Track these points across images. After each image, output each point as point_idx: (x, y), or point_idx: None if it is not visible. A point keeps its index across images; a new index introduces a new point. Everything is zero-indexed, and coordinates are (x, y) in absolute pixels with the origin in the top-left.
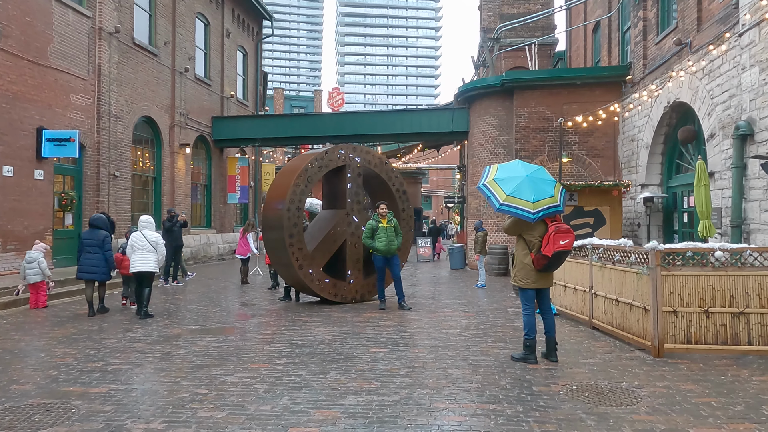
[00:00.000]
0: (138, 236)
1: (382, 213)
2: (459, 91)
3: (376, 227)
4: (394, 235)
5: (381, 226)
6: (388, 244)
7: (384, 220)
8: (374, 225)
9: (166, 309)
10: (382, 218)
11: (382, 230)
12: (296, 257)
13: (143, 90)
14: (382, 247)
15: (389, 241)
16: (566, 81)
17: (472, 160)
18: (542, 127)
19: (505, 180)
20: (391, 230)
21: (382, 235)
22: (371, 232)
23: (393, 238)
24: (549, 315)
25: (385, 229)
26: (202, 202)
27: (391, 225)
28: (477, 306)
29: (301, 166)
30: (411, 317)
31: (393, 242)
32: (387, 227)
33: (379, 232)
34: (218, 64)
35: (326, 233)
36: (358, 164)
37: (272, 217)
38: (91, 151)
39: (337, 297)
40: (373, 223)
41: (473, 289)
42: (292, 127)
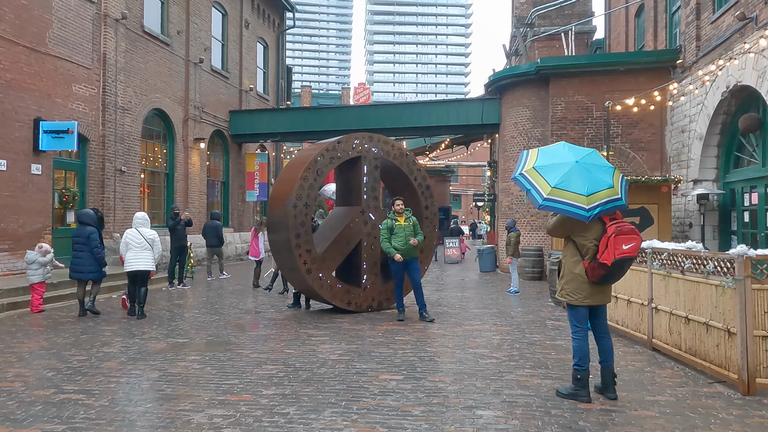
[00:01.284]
0: (133, 233)
1: (397, 210)
2: (490, 80)
3: (393, 226)
4: (413, 235)
5: (398, 224)
6: (407, 245)
7: (401, 218)
8: (391, 224)
9: (159, 317)
10: (398, 216)
11: (399, 229)
12: (304, 260)
13: (154, 81)
14: (400, 248)
15: (407, 241)
16: (608, 67)
17: (504, 155)
18: (581, 118)
19: (548, 168)
20: (409, 229)
21: (400, 234)
22: (388, 232)
23: (411, 238)
24: (605, 339)
25: (402, 228)
26: (220, 199)
27: (409, 223)
28: (510, 317)
29: (310, 157)
30: (433, 331)
31: (409, 243)
32: (404, 226)
33: (395, 231)
34: (236, 56)
35: (338, 233)
36: (376, 155)
37: (277, 215)
38: (96, 145)
39: (351, 305)
40: (390, 222)
41: (505, 296)
42: (314, 120)
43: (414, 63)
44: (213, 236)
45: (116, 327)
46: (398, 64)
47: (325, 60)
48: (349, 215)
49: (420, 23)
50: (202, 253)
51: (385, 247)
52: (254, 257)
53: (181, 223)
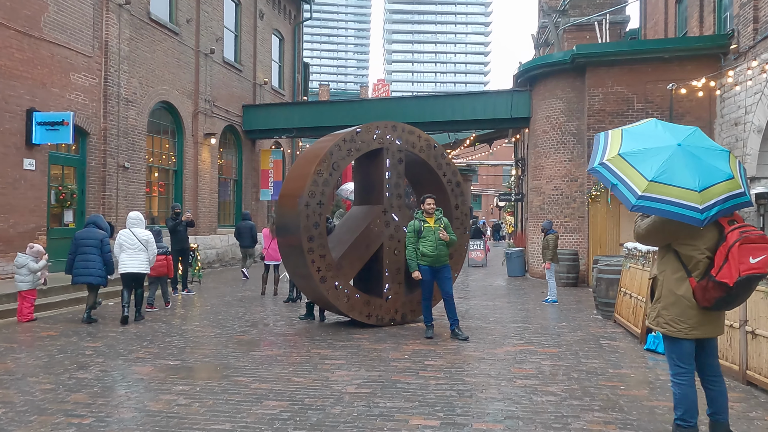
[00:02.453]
0: (127, 234)
1: (428, 209)
2: (519, 70)
3: (421, 228)
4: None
5: (427, 226)
6: (437, 250)
7: (431, 219)
8: (418, 225)
9: (153, 330)
10: (428, 216)
11: (429, 232)
12: (317, 267)
13: (161, 72)
14: (429, 253)
15: (438, 246)
16: (651, 55)
17: (534, 151)
18: (620, 111)
19: (641, 155)
20: (439, 231)
21: (429, 238)
22: (415, 235)
23: (442, 242)
24: (717, 383)
25: (431, 231)
26: (232, 198)
27: (439, 225)
28: (555, 335)
29: (324, 149)
30: (469, 352)
31: (442, 248)
32: (434, 228)
33: (424, 234)
34: (250, 48)
35: (357, 236)
36: (399, 147)
37: (287, 216)
38: (96, 139)
39: (371, 318)
40: (417, 224)
41: (542, 306)
42: (332, 115)
43: (433, 62)
44: (248, 237)
45: (100, 343)
46: (417, 63)
47: (344, 60)
48: (369, 216)
49: (439, 22)
50: (217, 254)
51: (410, 253)
52: (274, 261)
53: (182, 223)
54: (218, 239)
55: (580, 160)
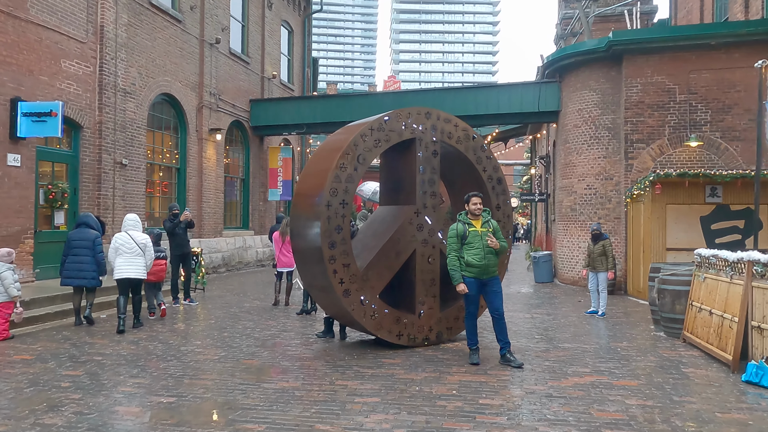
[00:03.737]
0: (124, 238)
1: (474, 211)
2: (548, 60)
3: (465, 233)
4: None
5: (472, 230)
6: (485, 259)
7: (477, 222)
8: (462, 230)
9: (146, 352)
10: (473, 219)
11: (475, 238)
12: (340, 278)
13: (162, 62)
14: (476, 264)
15: (486, 254)
16: (695, 41)
17: (564, 147)
18: (661, 102)
19: None
20: (487, 237)
21: (476, 245)
22: (458, 241)
23: (491, 250)
24: None
25: (478, 236)
26: (239, 198)
27: (488, 230)
28: (623, 358)
29: (347, 140)
30: (530, 385)
31: (491, 257)
32: (482, 233)
33: (469, 240)
34: (258, 39)
35: (386, 242)
36: (434, 138)
37: (304, 218)
38: (91, 133)
39: (401, 338)
40: (461, 227)
41: (587, 318)
42: (345, 109)
43: (440, 62)
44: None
45: (81, 371)
46: (424, 63)
47: (351, 60)
48: (399, 218)
49: (446, 21)
50: (223, 258)
51: (452, 263)
52: (286, 267)
53: (180, 225)
54: (224, 242)
55: (616, 157)
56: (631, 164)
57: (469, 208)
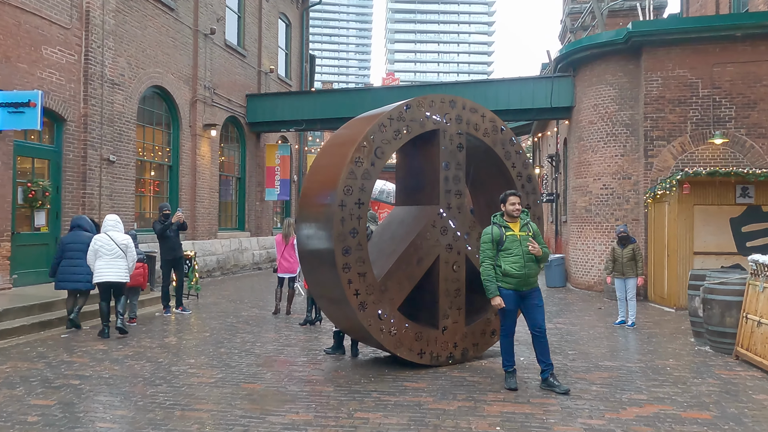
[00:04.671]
0: (104, 239)
1: (512, 212)
2: (561, 53)
3: (502, 237)
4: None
5: (510, 234)
6: (525, 267)
7: (515, 225)
8: (498, 234)
9: (131, 373)
10: (510, 221)
11: (513, 243)
12: (355, 289)
13: (153, 52)
14: (515, 273)
15: (527, 262)
16: (719, 33)
17: (578, 145)
18: (683, 98)
19: None
20: (527, 242)
21: (514, 251)
22: (494, 246)
23: (531, 257)
24: None
25: (517, 241)
26: (234, 198)
27: (527, 233)
28: (680, 381)
29: (362, 131)
30: (585, 419)
31: (532, 265)
32: (521, 237)
33: (506, 245)
34: (255, 32)
35: (406, 247)
36: (459, 129)
37: (313, 219)
38: (75, 127)
39: (423, 356)
40: (497, 231)
41: (617, 330)
42: (344, 105)
43: (435, 62)
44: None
45: (54, 400)
46: (419, 63)
47: (345, 60)
48: (420, 220)
49: (442, 21)
50: (218, 261)
51: (486, 272)
52: (288, 273)
53: (172, 227)
54: (219, 244)
55: (635, 155)
56: (650, 162)
57: (506, 208)
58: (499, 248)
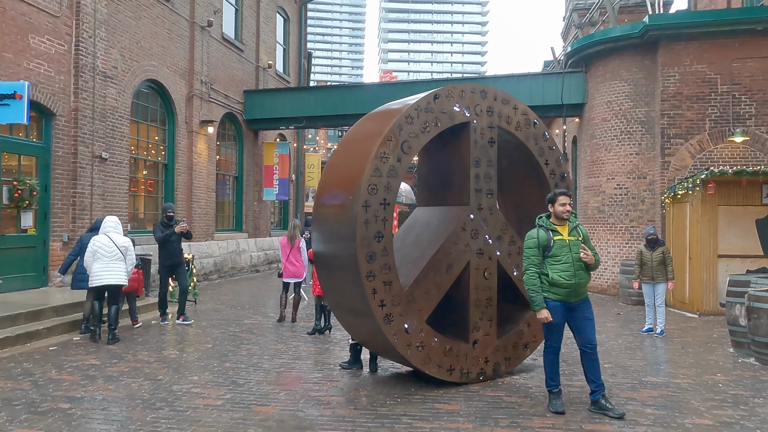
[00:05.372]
0: (103, 240)
1: (562, 213)
2: (573, 48)
3: (549, 242)
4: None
5: (558, 239)
6: (576, 276)
7: (563, 229)
8: (545, 238)
9: (128, 394)
10: (558, 224)
11: (562, 249)
12: (380, 300)
13: (148, 44)
14: (564, 283)
15: (576, 270)
16: (739, 26)
17: (591, 143)
18: (701, 94)
19: None
20: (578, 248)
21: (563, 258)
22: (539, 252)
23: (582, 265)
24: None
25: (567, 247)
26: (231, 198)
27: (577, 238)
28: (741, 401)
29: (388, 123)
30: None
31: (582, 273)
32: (571, 242)
33: (554, 251)
34: (253, 26)
35: (435, 252)
36: (490, 123)
37: (332, 222)
38: (65, 122)
39: (453, 374)
40: (543, 235)
41: (646, 339)
42: (346, 101)
43: (429, 62)
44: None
45: (42, 429)
46: (413, 63)
47: (338, 59)
48: (450, 222)
49: (435, 21)
50: (215, 264)
51: (531, 281)
52: (293, 278)
53: (174, 235)
54: (216, 246)
55: (650, 153)
56: (667, 161)
57: (555, 209)
58: (546, 254)
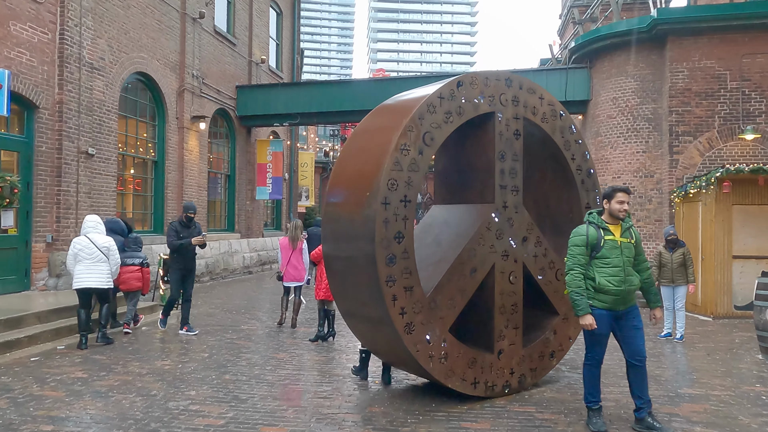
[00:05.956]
0: (83, 242)
1: (618, 212)
2: (577, 43)
3: (599, 241)
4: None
5: (610, 239)
6: (626, 282)
7: (616, 229)
8: (594, 236)
9: (119, 413)
10: (612, 223)
11: (612, 250)
12: (401, 307)
13: (137, 35)
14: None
15: (628, 276)
16: (749, 21)
17: (595, 141)
18: (710, 90)
19: None
20: (630, 251)
21: (614, 260)
22: (587, 252)
23: (631, 270)
24: None
25: (618, 249)
26: (223, 197)
27: (630, 240)
28: None
29: (408, 112)
30: None
31: (633, 279)
32: (623, 244)
33: (603, 252)
34: (245, 19)
35: (459, 254)
36: (516, 113)
37: (346, 219)
38: (49, 115)
39: (477, 387)
40: (593, 232)
41: (666, 344)
42: (341, 97)
43: (418, 62)
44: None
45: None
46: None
47: (327, 59)
48: (473, 221)
49: (425, 21)
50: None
51: (575, 282)
52: (296, 282)
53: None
54: (208, 246)
55: (658, 151)
56: (676, 159)
57: (611, 206)
58: (593, 255)
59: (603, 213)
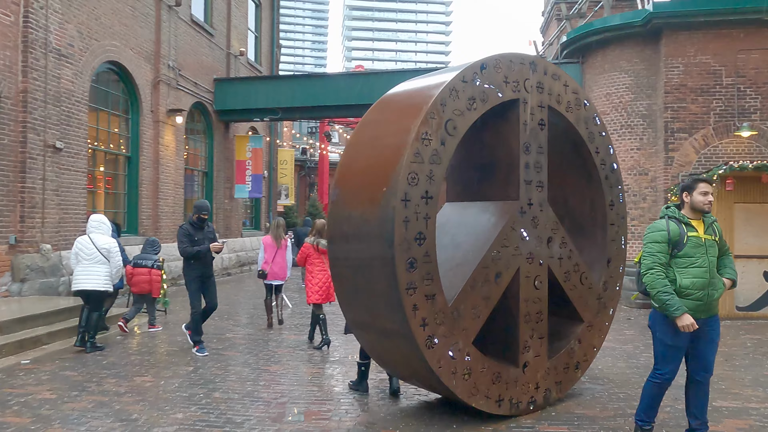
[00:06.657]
0: (84, 242)
1: (702, 204)
2: (568, 38)
3: (682, 238)
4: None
5: (693, 236)
6: (710, 285)
7: (699, 225)
8: (676, 232)
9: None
10: (694, 218)
11: (697, 248)
12: (422, 318)
13: (109, 21)
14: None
15: (712, 279)
16: (746, 16)
17: None
18: (706, 86)
19: None
20: (715, 250)
21: (697, 260)
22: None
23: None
24: None
25: (702, 247)
26: (200, 195)
27: (713, 237)
28: None
29: (429, 98)
30: None
31: (717, 282)
32: (707, 242)
33: (686, 251)
34: (224, 9)
35: (482, 258)
36: (540, 101)
37: (359, 218)
38: (12, 105)
39: (502, 405)
40: (674, 228)
41: None
42: (330, 91)
43: (393, 60)
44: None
45: None
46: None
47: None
48: (497, 221)
49: (399, 20)
50: None
51: (658, 281)
52: (278, 280)
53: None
54: None
55: (652, 149)
56: (671, 157)
57: (693, 199)
58: (673, 254)
59: (682, 207)
